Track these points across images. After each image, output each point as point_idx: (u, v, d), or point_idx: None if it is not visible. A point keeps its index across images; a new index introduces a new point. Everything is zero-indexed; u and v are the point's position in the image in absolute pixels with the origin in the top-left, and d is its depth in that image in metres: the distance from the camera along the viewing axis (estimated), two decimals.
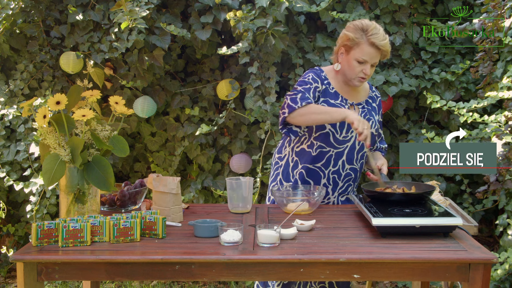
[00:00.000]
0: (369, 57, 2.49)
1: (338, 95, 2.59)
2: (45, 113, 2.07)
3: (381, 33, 2.49)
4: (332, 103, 2.56)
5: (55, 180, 2.05)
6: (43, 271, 1.89)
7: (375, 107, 2.70)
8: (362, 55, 2.49)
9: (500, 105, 3.73)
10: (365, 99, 2.67)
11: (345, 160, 2.59)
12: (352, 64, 2.52)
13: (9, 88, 4.05)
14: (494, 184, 3.05)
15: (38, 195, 3.85)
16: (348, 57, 2.54)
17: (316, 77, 2.58)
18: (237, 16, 3.57)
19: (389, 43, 2.53)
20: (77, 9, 3.82)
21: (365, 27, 2.50)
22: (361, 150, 2.62)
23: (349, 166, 2.60)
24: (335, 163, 2.59)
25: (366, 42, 2.48)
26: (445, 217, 2.08)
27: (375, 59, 2.51)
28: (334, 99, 2.58)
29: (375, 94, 2.74)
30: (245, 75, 3.89)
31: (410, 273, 1.90)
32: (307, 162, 2.62)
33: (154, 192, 2.30)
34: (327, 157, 2.59)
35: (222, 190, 3.92)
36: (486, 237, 4.17)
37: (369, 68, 2.51)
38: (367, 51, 2.49)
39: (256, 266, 1.89)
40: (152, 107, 3.85)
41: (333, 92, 2.59)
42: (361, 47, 2.49)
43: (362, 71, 2.51)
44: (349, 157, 2.59)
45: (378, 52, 2.50)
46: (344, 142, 2.58)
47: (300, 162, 2.64)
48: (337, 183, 2.62)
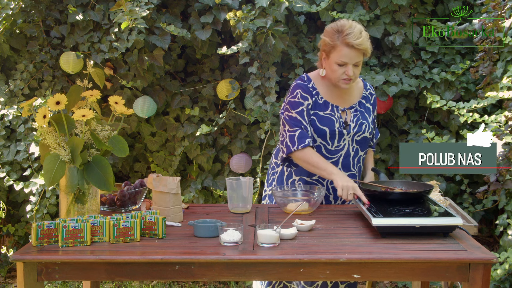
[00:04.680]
0: (347, 59, 2.44)
1: (327, 104, 2.56)
2: (45, 113, 2.07)
3: (356, 32, 2.42)
4: (321, 115, 2.53)
5: (55, 180, 2.05)
6: (43, 271, 1.89)
7: (369, 107, 2.65)
8: (340, 58, 2.44)
9: (500, 105, 3.73)
10: (358, 101, 2.63)
11: (341, 168, 2.56)
12: (333, 68, 2.47)
13: (9, 88, 4.05)
14: (494, 184, 3.05)
15: (38, 195, 3.85)
16: (329, 61, 2.50)
17: (305, 94, 2.54)
18: (237, 16, 3.57)
19: (367, 40, 2.46)
20: (77, 9, 3.82)
21: (340, 29, 2.45)
22: (356, 155, 2.60)
23: (347, 173, 2.56)
24: None
25: (342, 44, 2.43)
26: (445, 217, 2.08)
27: (355, 59, 2.45)
28: (324, 110, 2.54)
29: (369, 93, 2.69)
30: (245, 75, 3.89)
31: (410, 273, 1.90)
32: (303, 174, 2.61)
33: (154, 192, 2.30)
34: None
35: (222, 190, 3.92)
36: (486, 237, 4.17)
37: (351, 69, 2.44)
38: (344, 53, 2.43)
39: (256, 266, 1.89)
40: (152, 107, 3.85)
41: (322, 102, 2.56)
42: (338, 50, 2.44)
43: (344, 73, 2.46)
44: (344, 164, 2.57)
45: (356, 52, 2.43)
46: (337, 152, 2.56)
47: (295, 174, 2.63)
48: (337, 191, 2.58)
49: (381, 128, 4.05)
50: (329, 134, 2.53)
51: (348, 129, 2.55)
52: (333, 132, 2.53)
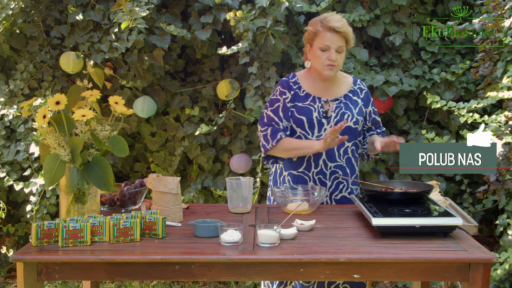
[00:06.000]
0: (330, 42, 2.52)
1: (309, 96, 2.62)
2: (45, 113, 2.07)
3: (338, 17, 2.56)
4: (300, 106, 2.59)
5: (55, 180, 2.05)
6: (43, 271, 1.89)
7: (356, 100, 2.66)
8: (323, 42, 2.53)
9: (500, 105, 3.73)
10: (344, 94, 2.66)
11: (326, 159, 2.59)
12: (317, 55, 2.56)
13: (9, 88, 4.05)
14: (494, 184, 3.05)
15: (38, 195, 3.85)
16: (312, 50, 2.59)
17: (283, 89, 2.63)
18: (237, 16, 3.57)
19: (348, 26, 2.56)
20: (77, 9, 3.82)
21: (322, 18, 2.58)
22: (341, 146, 2.60)
23: (332, 164, 2.59)
24: (316, 164, 2.59)
25: (323, 29, 2.54)
26: (445, 217, 2.08)
27: (337, 43, 2.53)
28: (303, 101, 2.61)
29: (358, 87, 2.71)
30: (245, 75, 3.89)
31: (410, 273, 1.90)
32: (291, 168, 2.64)
33: (154, 192, 2.30)
34: (306, 160, 2.59)
35: (222, 190, 3.92)
36: (486, 237, 4.17)
37: (333, 54, 2.52)
38: (326, 37, 2.53)
39: (256, 266, 1.89)
40: (152, 107, 3.85)
41: (304, 94, 2.62)
42: (320, 35, 2.54)
43: (327, 58, 2.54)
44: (329, 154, 2.58)
45: (338, 36, 2.52)
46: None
47: (285, 169, 2.66)
48: (324, 183, 2.60)
49: None
50: (307, 123, 2.58)
51: (328, 119, 2.58)
52: (311, 121, 2.58)
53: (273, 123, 2.60)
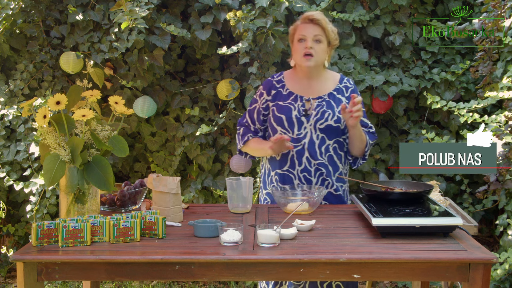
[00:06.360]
0: (305, 31, 2.61)
1: (291, 94, 2.67)
2: (45, 113, 2.07)
3: (313, 11, 2.69)
4: (281, 105, 2.65)
5: (55, 180, 2.05)
6: (43, 271, 1.89)
7: (340, 99, 2.67)
8: (300, 33, 2.63)
9: (500, 105, 3.73)
10: (328, 92, 2.68)
11: (309, 156, 2.61)
12: (296, 48, 2.64)
13: (9, 88, 4.05)
14: (494, 184, 3.05)
15: (38, 195, 3.85)
16: (293, 45, 2.68)
17: (263, 90, 2.73)
18: (237, 16, 3.57)
19: (325, 18, 2.64)
20: (77, 9, 3.82)
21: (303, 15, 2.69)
22: (323, 144, 2.62)
23: (315, 161, 2.61)
24: (299, 162, 2.62)
25: (300, 22, 2.66)
26: (445, 217, 2.08)
27: (313, 32, 2.60)
28: (284, 100, 2.66)
29: (344, 86, 2.72)
30: (245, 75, 3.89)
31: (410, 273, 1.90)
32: (276, 167, 2.68)
33: (154, 192, 2.30)
34: (290, 158, 2.62)
35: (222, 190, 3.92)
36: (486, 237, 4.17)
37: (310, 42, 2.59)
38: (302, 28, 2.63)
39: (256, 266, 1.89)
40: (152, 107, 3.85)
41: (287, 93, 2.68)
42: (298, 29, 2.65)
43: (304, 48, 2.60)
44: (311, 152, 2.61)
45: (314, 25, 2.61)
46: (300, 140, 2.62)
47: (272, 169, 2.71)
48: (310, 180, 2.62)
49: (381, 128, 4.06)
50: (287, 121, 2.62)
51: (308, 117, 2.61)
52: (290, 119, 2.61)
53: (246, 124, 2.75)
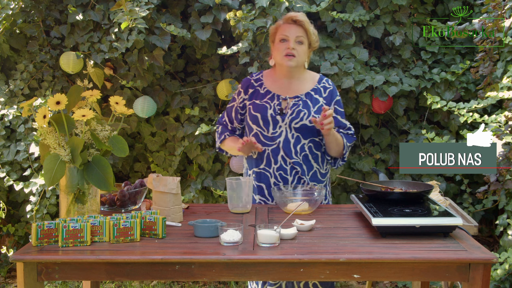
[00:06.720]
0: (288, 32, 2.62)
1: (269, 93, 2.70)
2: (45, 113, 2.08)
3: (298, 12, 2.70)
4: (257, 103, 2.68)
5: (55, 180, 2.05)
6: (43, 271, 1.89)
7: (317, 99, 2.68)
8: (282, 33, 2.64)
9: (500, 105, 3.73)
10: (306, 92, 2.69)
11: (284, 155, 2.63)
12: (278, 47, 2.65)
13: (9, 88, 4.05)
14: (494, 184, 3.05)
15: (38, 195, 3.85)
16: (274, 45, 2.69)
17: (241, 88, 2.77)
18: (237, 16, 3.57)
19: (307, 19, 2.66)
20: (77, 9, 3.82)
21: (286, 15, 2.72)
22: (298, 143, 2.63)
23: (290, 160, 2.63)
24: (275, 160, 2.64)
25: (283, 22, 2.68)
26: (445, 217, 2.09)
27: (296, 33, 2.62)
28: (261, 99, 2.69)
29: (323, 86, 2.73)
30: (245, 75, 3.88)
31: (410, 273, 1.90)
32: (253, 166, 2.71)
33: (154, 192, 2.30)
34: (266, 157, 2.65)
35: (222, 190, 3.92)
36: (486, 237, 4.17)
37: (292, 43, 2.61)
38: (285, 28, 2.65)
39: (256, 266, 1.89)
40: (152, 107, 3.85)
41: (264, 92, 2.71)
42: (280, 29, 2.67)
43: (286, 48, 2.60)
44: (286, 151, 2.63)
45: (296, 26, 2.63)
46: (275, 138, 2.63)
47: (249, 168, 2.74)
48: (286, 179, 2.64)
49: (381, 128, 4.06)
50: (262, 120, 2.65)
51: (283, 116, 2.63)
52: (265, 118, 2.64)
53: (224, 123, 2.82)
